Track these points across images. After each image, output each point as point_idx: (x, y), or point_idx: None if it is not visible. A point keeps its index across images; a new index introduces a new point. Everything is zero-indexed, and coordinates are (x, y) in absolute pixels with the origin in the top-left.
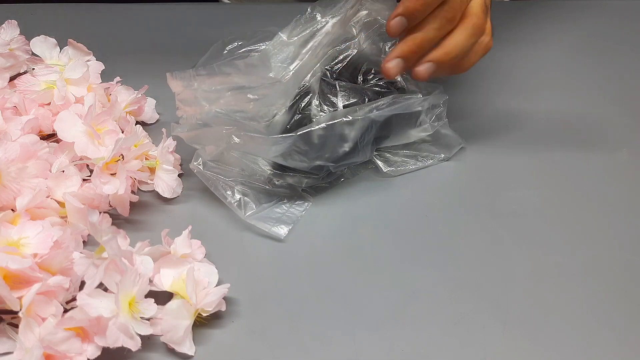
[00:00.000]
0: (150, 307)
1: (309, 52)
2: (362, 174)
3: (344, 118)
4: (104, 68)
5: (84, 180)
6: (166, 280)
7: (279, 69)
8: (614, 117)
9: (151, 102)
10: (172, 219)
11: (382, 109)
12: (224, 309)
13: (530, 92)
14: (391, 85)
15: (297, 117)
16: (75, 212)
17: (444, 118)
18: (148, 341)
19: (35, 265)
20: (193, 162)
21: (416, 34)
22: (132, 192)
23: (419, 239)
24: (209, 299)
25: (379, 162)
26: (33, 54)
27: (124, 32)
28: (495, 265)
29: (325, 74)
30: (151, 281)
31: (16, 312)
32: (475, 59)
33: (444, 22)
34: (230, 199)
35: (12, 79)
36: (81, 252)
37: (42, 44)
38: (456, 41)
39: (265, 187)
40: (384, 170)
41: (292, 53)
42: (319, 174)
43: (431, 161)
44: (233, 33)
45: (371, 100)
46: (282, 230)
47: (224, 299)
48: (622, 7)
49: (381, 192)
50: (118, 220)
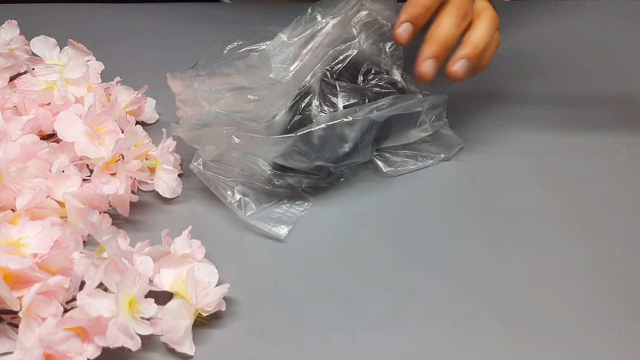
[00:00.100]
0: (150, 307)
1: (309, 52)
2: (362, 174)
3: (344, 119)
4: (104, 68)
5: (84, 180)
6: (166, 280)
7: (279, 69)
8: (614, 117)
9: (151, 102)
10: (172, 219)
11: (382, 109)
12: (224, 309)
13: (530, 92)
14: (391, 86)
15: (298, 117)
16: (75, 212)
17: (443, 118)
18: (148, 341)
19: (35, 265)
20: (193, 162)
21: (437, 33)
22: (132, 192)
23: (419, 239)
24: (209, 299)
25: (379, 162)
26: (33, 54)
27: (124, 32)
28: (495, 265)
29: (326, 74)
30: (151, 281)
31: (16, 312)
32: (491, 54)
33: (459, 19)
34: (230, 199)
35: (12, 79)
36: (81, 252)
37: (42, 44)
38: (479, 34)
39: (265, 187)
40: (384, 171)
41: (292, 54)
42: (319, 174)
43: (431, 161)
44: (233, 33)
45: (371, 100)
46: (282, 231)
47: (224, 299)
48: (622, 7)
49: (381, 192)
50: (118, 220)
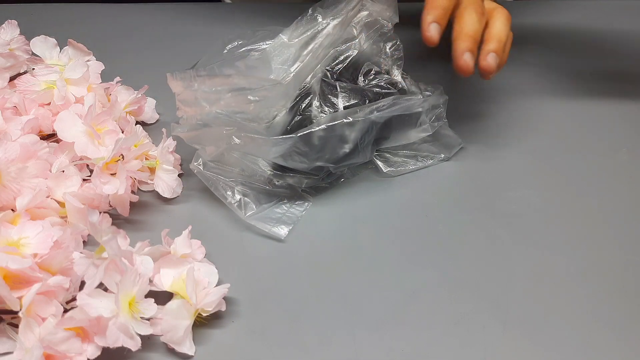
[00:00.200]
0: (150, 307)
1: (310, 53)
2: (362, 174)
3: (344, 119)
4: (104, 68)
5: (84, 180)
6: (166, 280)
7: (279, 70)
8: (614, 117)
9: (151, 102)
10: (172, 219)
11: (382, 110)
12: (224, 309)
13: (530, 92)
14: (392, 86)
15: (298, 118)
16: (75, 212)
17: (443, 118)
18: (148, 341)
19: (35, 265)
20: (193, 163)
21: (465, 30)
22: (132, 192)
23: (419, 239)
24: (209, 299)
25: (379, 162)
26: (33, 54)
27: (124, 32)
28: (495, 265)
29: (326, 74)
30: (151, 281)
31: (16, 312)
32: (509, 50)
33: (479, 15)
34: (230, 200)
35: (12, 79)
36: (81, 252)
37: (42, 44)
38: (499, 29)
39: (265, 187)
40: (384, 171)
41: (292, 55)
42: (319, 175)
43: (431, 161)
44: (233, 33)
45: (372, 101)
46: (282, 231)
47: (224, 299)
48: (622, 6)
49: (381, 192)
50: (118, 220)
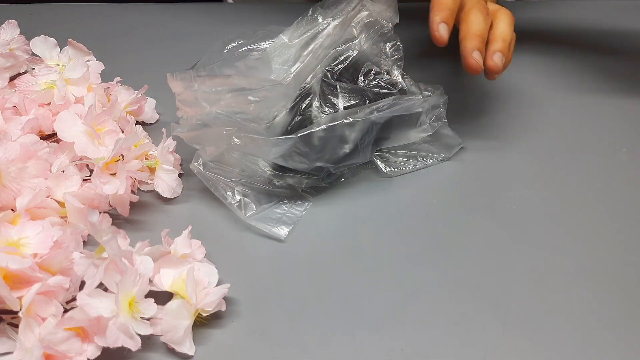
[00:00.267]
0: (150, 307)
1: (310, 54)
2: (362, 174)
3: (344, 120)
4: (104, 68)
5: (84, 180)
6: (166, 280)
7: (279, 71)
8: (614, 116)
9: (151, 102)
10: (172, 219)
11: (382, 110)
12: (224, 309)
13: (530, 92)
14: (392, 86)
15: (298, 118)
16: (75, 212)
17: (443, 118)
18: (148, 341)
19: (35, 265)
20: (193, 163)
21: (472, 30)
22: (132, 192)
23: (419, 239)
24: (209, 299)
25: (379, 162)
26: (33, 54)
27: (124, 32)
28: (495, 265)
29: (326, 74)
30: (151, 281)
31: (16, 312)
32: (513, 49)
33: (484, 16)
34: (230, 200)
35: (12, 79)
36: (81, 252)
37: (42, 44)
38: (503, 29)
39: (265, 187)
40: (384, 171)
41: (293, 55)
42: (319, 175)
43: (431, 161)
44: (233, 33)
45: (372, 101)
46: (282, 231)
47: (224, 299)
48: (622, 6)
49: (381, 192)
50: (118, 220)
